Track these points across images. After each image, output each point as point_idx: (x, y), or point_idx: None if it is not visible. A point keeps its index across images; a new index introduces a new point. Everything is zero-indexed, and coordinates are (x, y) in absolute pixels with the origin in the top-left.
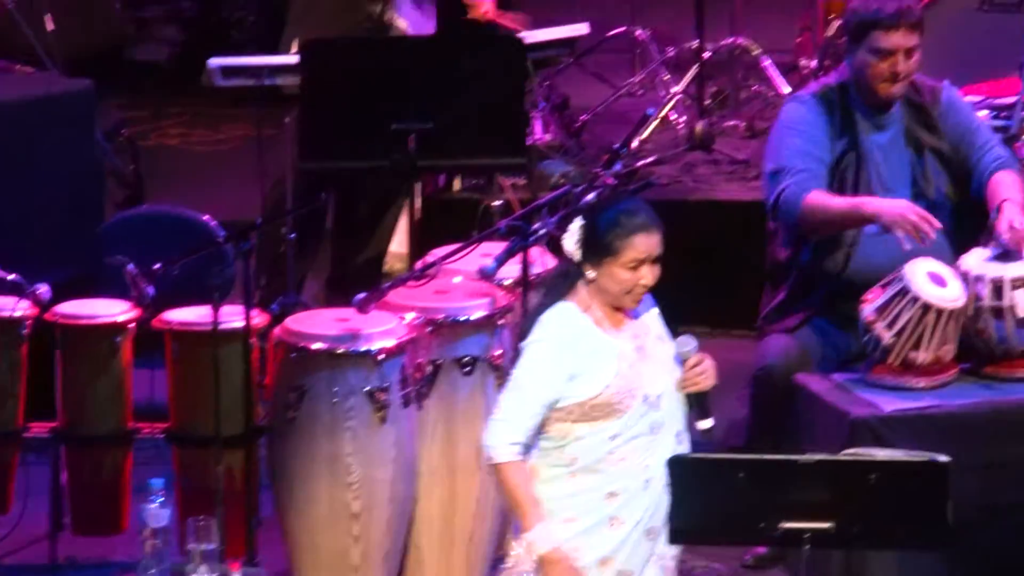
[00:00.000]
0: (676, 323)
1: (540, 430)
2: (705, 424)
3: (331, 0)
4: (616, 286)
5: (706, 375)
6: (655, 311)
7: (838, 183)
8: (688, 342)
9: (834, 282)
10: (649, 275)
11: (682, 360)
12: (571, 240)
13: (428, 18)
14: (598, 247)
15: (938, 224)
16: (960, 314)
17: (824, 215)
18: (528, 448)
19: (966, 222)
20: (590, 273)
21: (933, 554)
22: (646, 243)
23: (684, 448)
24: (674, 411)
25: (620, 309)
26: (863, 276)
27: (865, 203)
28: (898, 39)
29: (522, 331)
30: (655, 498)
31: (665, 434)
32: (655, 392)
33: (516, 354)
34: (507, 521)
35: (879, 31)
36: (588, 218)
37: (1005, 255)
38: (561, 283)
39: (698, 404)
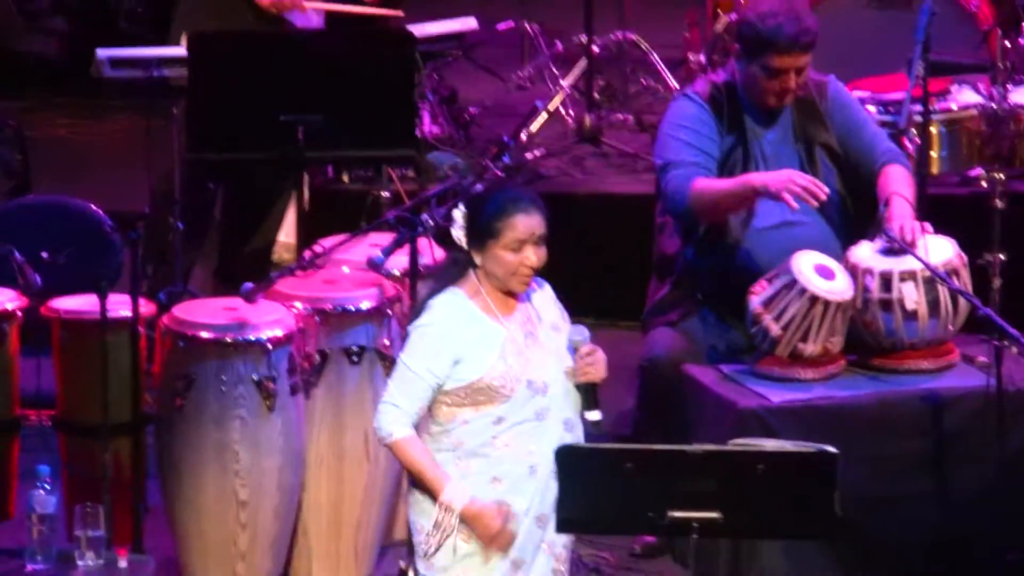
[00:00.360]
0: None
1: (428, 414)
2: (593, 416)
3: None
4: (501, 268)
5: (596, 366)
6: (551, 299)
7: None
8: (580, 331)
9: (719, 275)
10: (534, 256)
11: (574, 349)
12: (457, 228)
13: (317, 12)
14: (481, 231)
15: (826, 189)
16: (847, 306)
17: (712, 196)
18: (417, 429)
19: (855, 216)
20: (477, 258)
21: (820, 544)
22: (526, 223)
23: (573, 436)
24: (562, 399)
25: (511, 295)
26: (748, 269)
27: (751, 177)
28: (791, 61)
29: (411, 317)
30: (541, 485)
31: (552, 421)
32: (541, 378)
33: (404, 338)
34: (394, 509)
35: (774, 53)
36: (471, 204)
37: (893, 249)
38: (451, 270)
39: (587, 395)
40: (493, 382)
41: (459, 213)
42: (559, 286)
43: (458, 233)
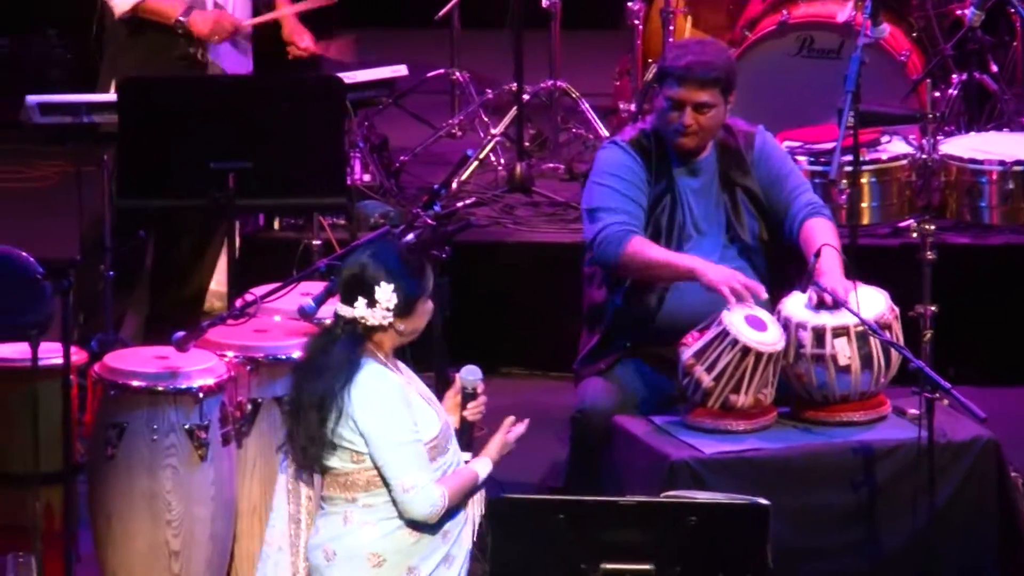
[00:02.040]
0: (496, 365)
1: (367, 487)
2: (467, 456)
3: (147, 40)
4: (424, 319)
5: (483, 408)
6: None
7: (653, 227)
8: (474, 372)
9: (649, 324)
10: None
11: (471, 389)
12: (378, 310)
13: (245, 57)
14: (412, 297)
15: (763, 295)
16: (779, 358)
17: (646, 263)
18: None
19: (778, 266)
20: (401, 325)
21: None
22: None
23: (467, 454)
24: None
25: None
26: (677, 319)
27: (694, 263)
28: (686, 92)
29: (321, 417)
30: (471, 529)
31: (462, 461)
32: (447, 422)
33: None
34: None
35: (670, 80)
36: (395, 280)
37: (824, 302)
38: (352, 352)
39: (467, 435)
40: (444, 435)
41: (384, 294)
42: (490, 336)
43: (382, 314)
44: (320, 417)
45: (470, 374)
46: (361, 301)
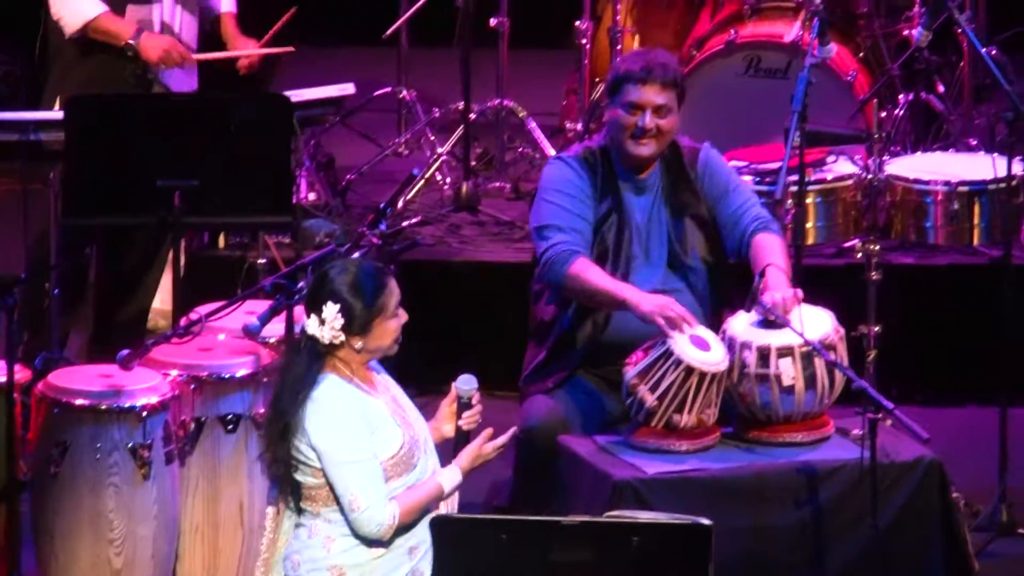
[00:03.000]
0: (440, 383)
1: (327, 501)
2: None
3: (95, 60)
4: (385, 339)
5: (478, 418)
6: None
7: (599, 245)
8: (470, 381)
9: (594, 343)
10: (404, 315)
11: (466, 399)
12: (327, 329)
13: (191, 76)
14: (367, 315)
15: (694, 323)
16: (723, 378)
17: (586, 287)
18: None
19: (722, 284)
20: (357, 343)
21: None
22: (394, 284)
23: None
24: (434, 455)
25: (368, 370)
26: (623, 338)
27: (627, 293)
28: (647, 94)
29: (281, 432)
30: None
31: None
32: (424, 437)
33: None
34: None
35: (629, 84)
36: (342, 300)
37: (770, 322)
38: (311, 367)
39: (462, 444)
40: (407, 451)
41: (330, 313)
42: (435, 354)
43: (331, 332)
44: (280, 432)
45: (466, 383)
46: (314, 318)
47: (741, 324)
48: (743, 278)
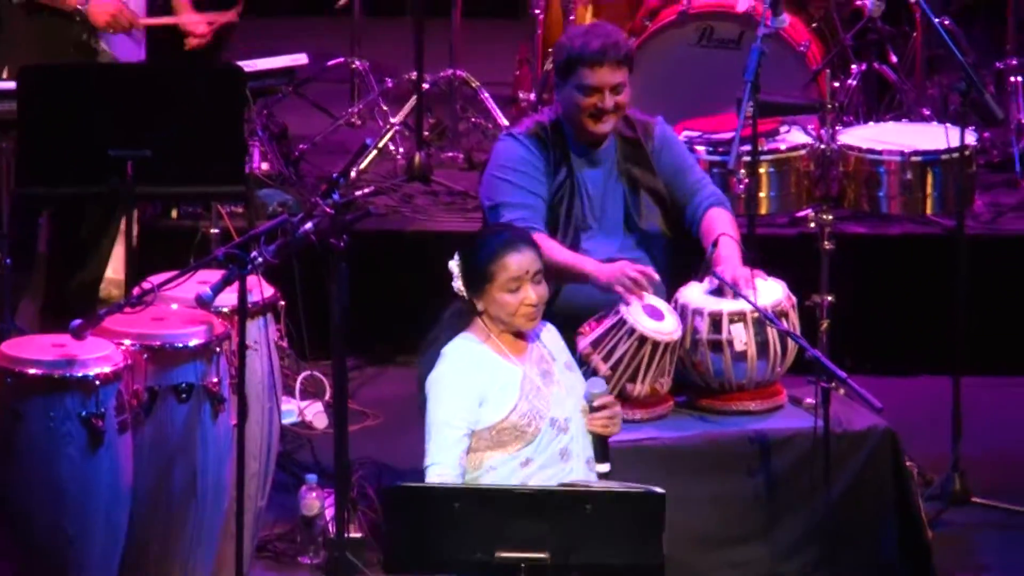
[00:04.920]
0: (393, 353)
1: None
2: (602, 468)
3: (43, 23)
4: (503, 310)
5: (614, 421)
6: (559, 338)
7: (553, 219)
8: (597, 384)
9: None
10: (533, 294)
11: (590, 400)
12: (455, 279)
13: (138, 46)
14: (477, 277)
15: (655, 277)
16: (676, 347)
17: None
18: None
19: (679, 256)
20: (480, 304)
21: None
22: (518, 261)
23: (595, 477)
24: (582, 437)
25: (521, 336)
26: (575, 308)
27: (585, 263)
28: (603, 76)
29: (419, 375)
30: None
31: (575, 460)
32: (562, 415)
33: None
34: (222, 548)
35: (584, 68)
36: (464, 253)
37: (722, 290)
38: (457, 321)
39: (598, 447)
40: (519, 421)
41: (454, 264)
42: (388, 324)
43: (457, 284)
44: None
45: (593, 386)
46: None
47: (694, 293)
48: (698, 250)
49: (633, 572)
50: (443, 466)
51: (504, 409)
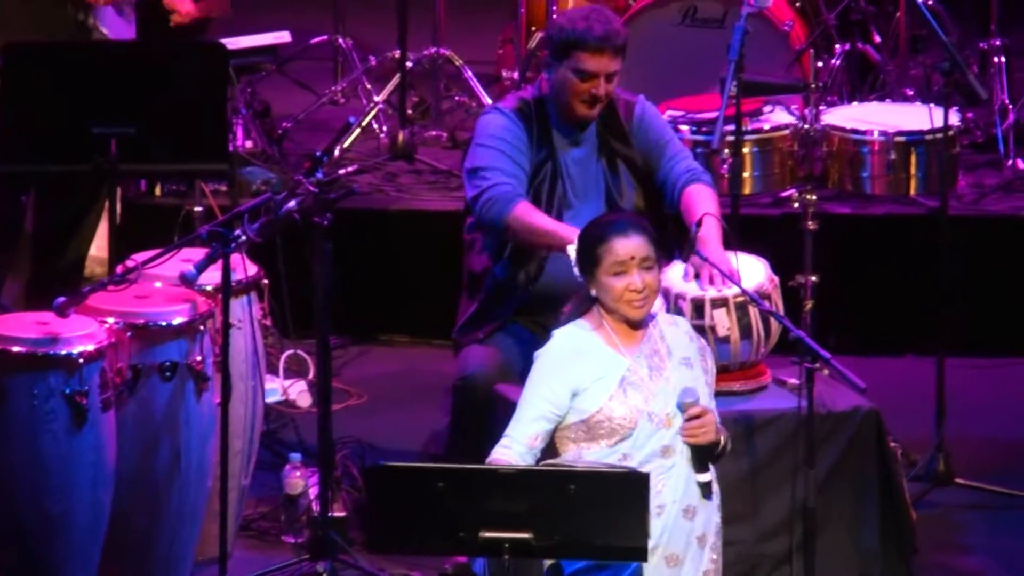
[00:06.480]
0: (378, 332)
1: (553, 452)
2: (702, 478)
3: (35, 4)
4: (609, 295)
5: (704, 430)
6: (688, 335)
7: (534, 195)
8: (690, 393)
9: (528, 292)
10: (638, 280)
11: (682, 410)
12: (574, 264)
13: (129, 24)
14: (587, 260)
15: None
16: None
17: (530, 228)
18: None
19: (659, 234)
20: (593, 290)
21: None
22: (624, 246)
23: (702, 476)
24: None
25: (635, 327)
26: (557, 286)
27: (571, 232)
28: (603, 63)
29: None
30: (669, 524)
31: (679, 457)
32: (663, 412)
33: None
34: (205, 527)
35: (584, 53)
36: (580, 238)
37: (699, 273)
38: (579, 305)
39: (696, 456)
40: (612, 415)
41: (572, 248)
42: (371, 303)
43: (575, 269)
44: None
45: (685, 396)
46: None
47: (676, 275)
48: (680, 227)
49: (617, 552)
50: (511, 439)
51: (597, 402)
